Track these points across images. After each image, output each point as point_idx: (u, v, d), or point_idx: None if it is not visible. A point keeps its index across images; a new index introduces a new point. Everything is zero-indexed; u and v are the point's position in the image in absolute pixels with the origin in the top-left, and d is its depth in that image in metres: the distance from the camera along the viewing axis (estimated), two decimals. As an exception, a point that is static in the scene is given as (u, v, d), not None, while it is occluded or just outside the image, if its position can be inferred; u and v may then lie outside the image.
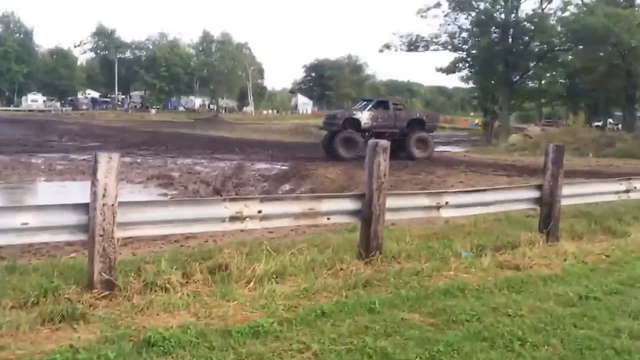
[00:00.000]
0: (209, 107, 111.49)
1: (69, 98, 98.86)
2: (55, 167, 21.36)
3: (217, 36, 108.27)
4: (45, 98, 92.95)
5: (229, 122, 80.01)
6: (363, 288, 5.70)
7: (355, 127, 27.91)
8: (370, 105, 29.33)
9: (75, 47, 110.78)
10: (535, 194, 8.26)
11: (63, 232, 5.27)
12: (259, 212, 6.08)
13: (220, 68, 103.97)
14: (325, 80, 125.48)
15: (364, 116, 28.38)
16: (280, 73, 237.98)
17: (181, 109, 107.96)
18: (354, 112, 29.33)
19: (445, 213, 7.58)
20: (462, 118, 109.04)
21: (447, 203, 7.42)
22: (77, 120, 65.22)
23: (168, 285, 5.34)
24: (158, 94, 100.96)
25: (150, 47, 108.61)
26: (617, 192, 9.58)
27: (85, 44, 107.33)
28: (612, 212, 9.97)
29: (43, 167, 21.58)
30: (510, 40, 52.94)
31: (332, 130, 28.33)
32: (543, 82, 61.74)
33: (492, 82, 54.94)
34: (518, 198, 8.30)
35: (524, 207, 8.63)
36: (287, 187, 18.79)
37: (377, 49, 59.29)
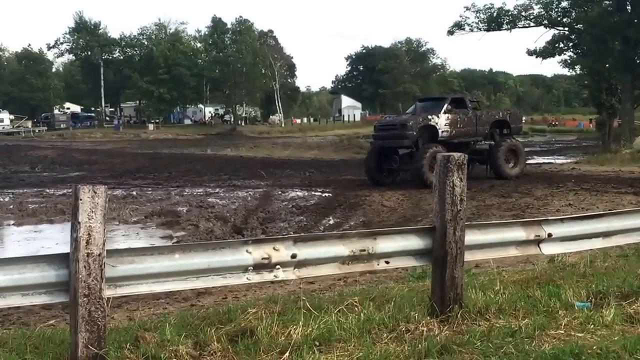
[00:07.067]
0: (223, 118, 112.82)
1: (43, 115, 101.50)
2: (27, 206, 21.81)
3: (231, 23, 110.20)
4: (12, 116, 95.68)
5: (251, 136, 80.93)
6: (439, 356, 5.62)
7: (431, 139, 26.25)
8: (444, 106, 27.28)
9: (48, 48, 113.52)
10: (675, 217, 8.11)
11: (37, 293, 5.31)
12: (293, 256, 6.09)
13: (236, 66, 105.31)
14: (378, 75, 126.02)
15: (441, 121, 26.60)
16: (317, 69, 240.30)
17: (188, 121, 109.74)
18: (429, 116, 26.94)
19: (548, 249, 7.50)
20: (567, 117, 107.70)
21: (550, 235, 7.34)
22: (54, 144, 66.77)
23: (176, 360, 5.36)
24: (157, 104, 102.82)
25: (145, 42, 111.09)
26: None
27: (61, 44, 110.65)
28: None
29: (11, 206, 22.09)
30: (629, 7, 52.22)
31: (393, 144, 26.42)
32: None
33: (607, 65, 54.15)
34: (651, 224, 8.15)
35: (660, 236, 8.45)
36: (331, 221, 18.82)
37: (446, 30, 59.17)
